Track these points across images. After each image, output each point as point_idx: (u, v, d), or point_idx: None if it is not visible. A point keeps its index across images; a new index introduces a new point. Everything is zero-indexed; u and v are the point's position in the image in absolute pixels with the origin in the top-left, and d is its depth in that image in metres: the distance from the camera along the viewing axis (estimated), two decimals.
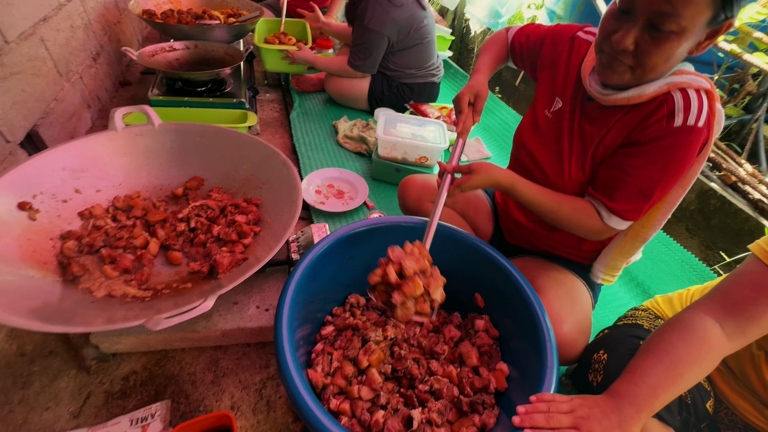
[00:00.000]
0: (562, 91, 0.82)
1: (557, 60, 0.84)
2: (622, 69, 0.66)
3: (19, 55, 1.08)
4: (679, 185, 0.75)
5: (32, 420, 0.76)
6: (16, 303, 0.63)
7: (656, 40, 0.61)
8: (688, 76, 0.67)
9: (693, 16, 0.57)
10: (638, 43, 0.62)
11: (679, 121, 0.66)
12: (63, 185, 0.85)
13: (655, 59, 0.63)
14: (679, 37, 0.60)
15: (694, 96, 0.66)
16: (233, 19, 1.86)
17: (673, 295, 0.87)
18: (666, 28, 0.59)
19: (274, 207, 0.92)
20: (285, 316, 0.66)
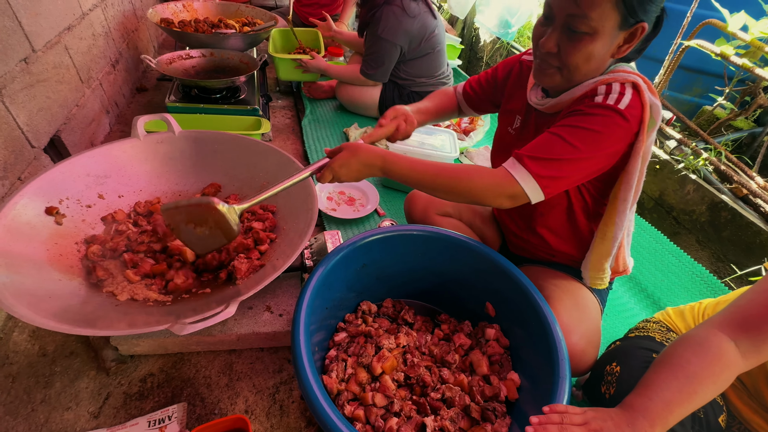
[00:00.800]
0: (518, 108, 0.89)
1: (512, 84, 0.92)
2: (552, 71, 0.73)
3: (45, 63, 1.12)
4: (625, 182, 0.76)
5: (54, 419, 0.78)
6: (43, 304, 0.65)
7: (573, 41, 0.68)
8: (617, 74, 0.72)
9: (600, 18, 0.64)
10: (559, 45, 0.69)
11: (599, 99, 0.70)
12: (87, 191, 0.87)
13: (575, 58, 0.69)
14: (593, 37, 0.66)
15: (616, 86, 0.70)
16: (248, 28, 1.90)
17: (684, 308, 0.88)
18: (579, 29, 0.66)
19: (290, 214, 0.94)
20: (302, 322, 0.68)
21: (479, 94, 1.00)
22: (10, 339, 0.88)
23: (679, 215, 1.53)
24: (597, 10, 0.63)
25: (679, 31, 1.62)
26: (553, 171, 0.70)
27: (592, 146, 0.69)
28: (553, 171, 0.70)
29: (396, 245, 0.90)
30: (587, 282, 0.92)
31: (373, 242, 0.87)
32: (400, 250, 0.91)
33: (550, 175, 0.70)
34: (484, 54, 2.79)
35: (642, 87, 0.70)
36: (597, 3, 0.63)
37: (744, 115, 1.62)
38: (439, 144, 1.47)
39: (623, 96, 0.69)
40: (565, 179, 0.71)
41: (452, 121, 1.82)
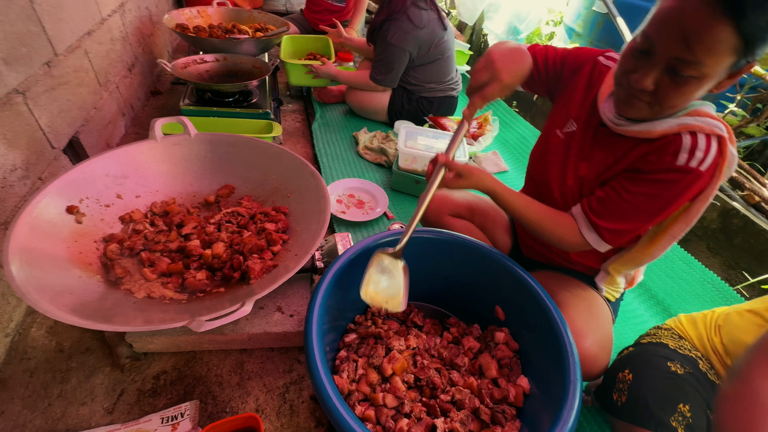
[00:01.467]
0: (577, 114, 0.83)
1: (576, 83, 0.84)
2: (640, 105, 0.67)
3: (66, 66, 1.15)
4: (683, 221, 0.75)
5: (70, 414, 0.79)
6: (64, 299, 0.67)
7: (676, 84, 0.61)
8: (704, 119, 0.67)
9: (715, 64, 0.57)
10: (658, 83, 0.62)
11: (682, 160, 0.66)
12: (106, 190, 0.90)
13: (675, 100, 0.64)
14: (700, 81, 0.60)
15: (702, 141, 0.66)
16: (261, 33, 1.94)
17: (696, 316, 0.87)
18: (686, 73, 0.59)
19: (302, 216, 0.95)
20: (314, 322, 0.69)
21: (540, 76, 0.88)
22: (28, 335, 0.90)
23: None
24: (714, 57, 0.56)
25: None
26: (625, 235, 0.76)
27: (667, 210, 0.71)
28: (625, 236, 0.76)
29: (406, 248, 0.91)
30: (601, 293, 0.93)
31: (383, 245, 0.88)
32: (410, 252, 0.91)
33: (622, 239, 0.76)
34: None
35: (726, 140, 0.66)
36: (716, 50, 0.55)
37: (756, 123, 1.61)
38: None
39: (707, 154, 0.66)
40: (632, 233, 0.76)
41: None
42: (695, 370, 0.73)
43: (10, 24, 0.90)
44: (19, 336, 0.90)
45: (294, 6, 3.18)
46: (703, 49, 0.55)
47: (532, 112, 2.54)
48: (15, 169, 0.90)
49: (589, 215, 0.76)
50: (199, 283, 0.80)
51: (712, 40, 0.54)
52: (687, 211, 0.75)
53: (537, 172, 0.92)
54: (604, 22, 2.01)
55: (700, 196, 0.72)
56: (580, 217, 0.78)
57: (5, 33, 0.88)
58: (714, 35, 0.54)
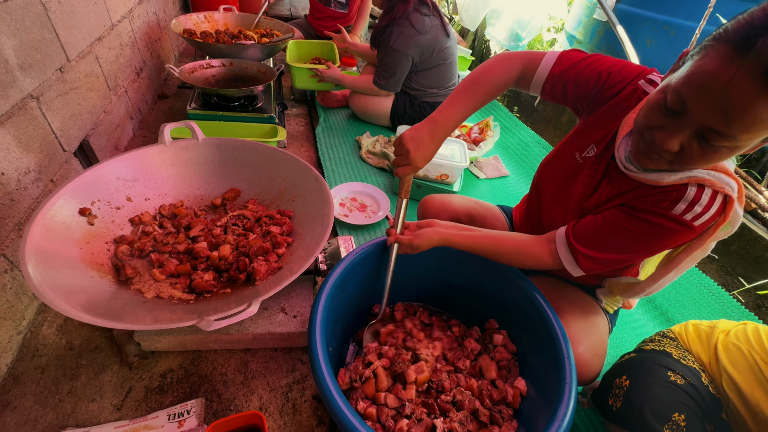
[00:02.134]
0: (599, 139, 0.76)
1: (610, 107, 0.75)
2: (660, 162, 0.62)
3: (78, 71, 1.18)
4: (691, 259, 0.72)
5: (80, 409, 0.82)
6: (77, 298, 0.69)
7: (704, 150, 0.56)
8: (718, 174, 0.63)
9: (751, 139, 0.52)
10: (684, 146, 0.57)
11: (678, 210, 0.64)
12: (117, 193, 0.92)
13: (698, 165, 0.60)
14: (731, 151, 0.55)
15: (706, 197, 0.63)
16: (266, 39, 1.97)
17: (702, 330, 0.85)
18: (718, 144, 0.54)
19: (307, 220, 0.97)
20: (318, 322, 0.71)
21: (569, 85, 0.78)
22: (39, 333, 0.93)
23: None
24: (752, 134, 0.50)
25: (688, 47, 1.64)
26: (600, 265, 0.74)
27: (647, 253, 0.71)
28: (599, 265, 0.74)
29: None
30: (601, 303, 0.94)
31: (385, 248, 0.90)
32: (411, 255, 0.94)
33: (596, 267, 0.75)
34: None
35: (733, 200, 0.63)
36: (756, 127, 0.49)
37: None
38: (449, 153, 1.51)
39: (707, 211, 0.63)
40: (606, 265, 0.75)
41: (462, 131, 1.86)
42: (697, 382, 0.74)
43: (26, 31, 0.93)
44: (30, 334, 0.92)
45: (299, 11, 3.22)
46: (743, 126, 0.50)
47: (534, 118, 2.57)
48: (29, 171, 0.93)
49: (571, 239, 0.75)
50: (206, 284, 0.82)
51: (756, 119, 0.48)
52: (673, 261, 0.74)
53: (543, 188, 0.90)
54: (605, 30, 2.04)
55: (688, 249, 0.70)
56: (561, 239, 0.77)
57: (21, 40, 0.91)
58: (758, 113, 0.48)
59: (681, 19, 1.76)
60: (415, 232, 0.84)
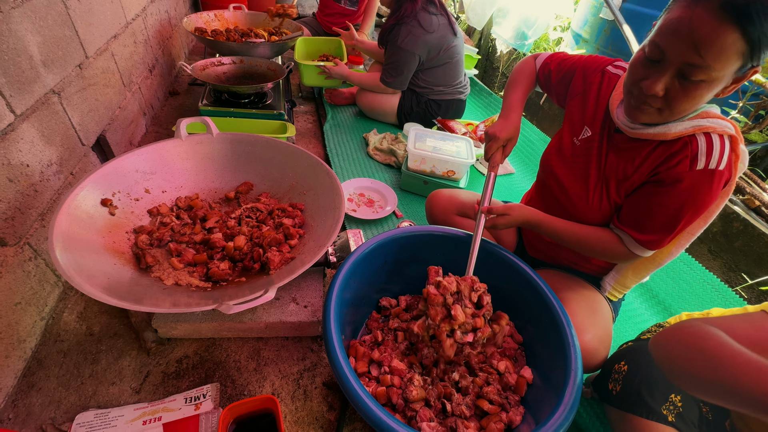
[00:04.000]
0: (591, 120, 0.87)
1: (588, 90, 0.88)
2: (651, 111, 0.70)
3: (95, 68, 1.22)
4: (701, 219, 0.80)
5: (101, 392, 0.85)
6: (99, 281, 0.72)
7: (685, 89, 0.65)
8: (714, 120, 0.71)
9: (723, 68, 0.60)
10: (668, 89, 0.66)
11: (702, 164, 0.70)
12: (136, 185, 0.96)
13: (684, 105, 0.67)
14: (709, 85, 0.63)
15: (717, 141, 0.70)
16: (276, 37, 2.00)
17: (695, 317, 0.90)
18: (696, 78, 0.62)
19: (318, 212, 1.00)
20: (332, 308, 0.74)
21: (551, 83, 0.98)
22: (61, 319, 0.97)
23: None
24: (722, 61, 0.60)
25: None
26: (666, 241, 0.79)
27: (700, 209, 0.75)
28: (666, 241, 0.80)
29: (416, 244, 0.96)
30: (604, 293, 0.97)
31: (395, 240, 0.93)
32: (419, 249, 0.96)
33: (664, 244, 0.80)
34: (500, 64, 2.85)
35: (738, 139, 0.71)
36: (724, 55, 0.59)
37: (758, 129, 1.64)
38: (455, 150, 1.53)
39: (723, 154, 0.70)
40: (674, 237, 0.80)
41: (469, 128, 1.88)
42: None
43: (48, 29, 0.96)
44: (52, 320, 0.96)
45: (306, 9, 3.25)
46: (713, 54, 0.59)
47: (539, 116, 2.58)
48: (51, 164, 0.96)
49: (632, 234, 0.80)
50: (222, 273, 0.85)
51: (721, 46, 0.58)
52: (708, 210, 0.78)
53: (553, 180, 0.94)
54: (611, 29, 2.05)
55: (721, 192, 0.75)
56: (622, 236, 0.82)
57: (44, 37, 0.95)
58: (722, 41, 0.58)
59: None
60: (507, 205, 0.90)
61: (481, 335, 0.77)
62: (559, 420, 0.64)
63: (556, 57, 0.99)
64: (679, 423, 0.68)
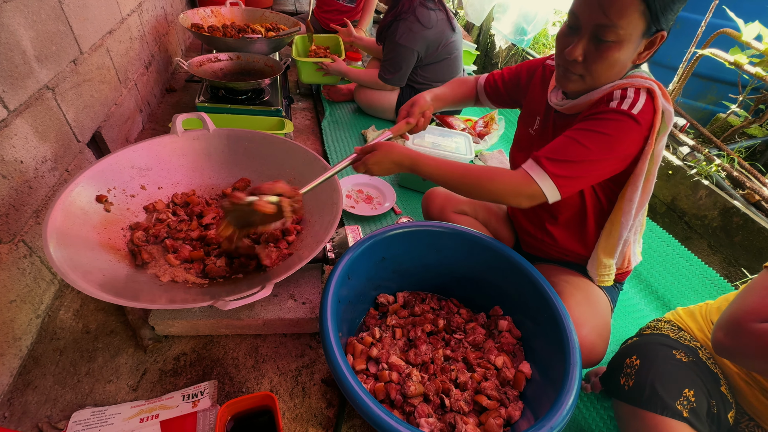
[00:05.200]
0: (538, 110, 0.94)
1: (534, 87, 0.96)
2: (575, 78, 0.76)
3: (90, 64, 1.20)
4: (632, 183, 0.80)
5: (97, 390, 0.85)
6: (95, 278, 0.72)
7: (599, 50, 0.71)
8: (635, 79, 0.75)
9: (627, 26, 0.67)
10: (585, 54, 0.72)
11: (614, 105, 0.74)
12: (131, 181, 0.95)
13: (600, 66, 0.72)
14: (619, 45, 0.69)
15: (631, 91, 0.74)
16: (273, 33, 1.98)
17: (693, 309, 0.90)
18: (607, 38, 0.69)
19: (316, 208, 0.99)
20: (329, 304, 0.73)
21: (500, 91, 1.04)
22: (57, 317, 0.96)
23: (691, 220, 1.55)
24: (625, 19, 0.66)
25: (693, 40, 1.64)
26: (569, 171, 0.75)
27: (605, 149, 0.74)
28: (568, 171, 0.75)
29: (414, 240, 0.95)
30: (594, 279, 0.96)
31: (393, 236, 0.92)
32: (417, 245, 0.96)
33: (566, 174, 0.75)
34: (499, 60, 2.84)
35: (656, 92, 0.74)
36: (625, 12, 0.66)
37: (758, 123, 1.63)
38: (454, 147, 1.52)
39: (637, 101, 0.73)
40: (580, 179, 0.76)
41: (468, 124, 1.87)
42: (696, 359, 0.76)
43: (42, 24, 0.95)
44: (48, 317, 0.95)
45: (303, 6, 3.23)
46: (615, 11, 0.66)
47: None
48: (45, 160, 0.95)
49: (540, 158, 0.77)
50: (219, 270, 0.85)
51: (621, 4, 0.66)
52: (633, 173, 0.79)
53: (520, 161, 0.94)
54: None
55: (642, 154, 0.76)
56: (530, 164, 0.79)
57: (37, 32, 0.94)
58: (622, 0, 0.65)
59: (687, 12, 1.76)
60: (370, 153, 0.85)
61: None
62: (558, 415, 0.64)
63: (498, 72, 1.06)
64: (692, 418, 0.67)
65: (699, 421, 0.68)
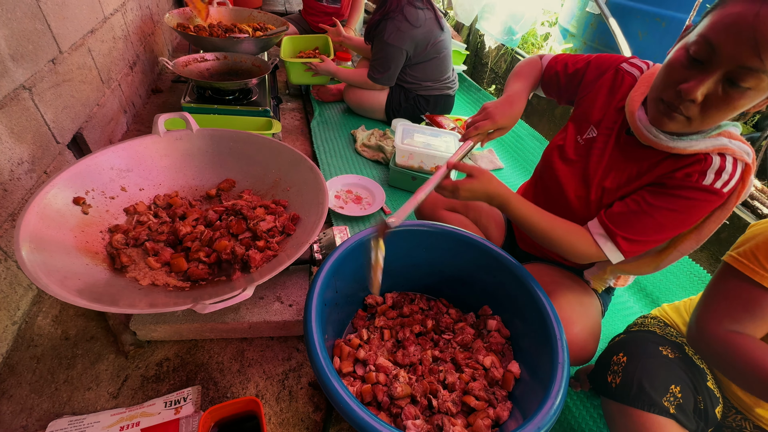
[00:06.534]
0: (598, 120, 0.82)
1: (598, 89, 0.83)
2: (681, 119, 0.63)
3: (71, 63, 1.18)
4: (694, 239, 0.76)
5: (76, 398, 0.82)
6: (71, 283, 0.69)
7: (728, 96, 0.57)
8: (737, 143, 0.67)
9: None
10: (708, 95, 0.59)
11: (708, 180, 0.67)
12: (111, 183, 0.92)
13: (720, 115, 0.60)
14: (755, 94, 0.57)
15: (730, 164, 0.66)
16: (260, 33, 1.97)
17: (678, 304, 0.91)
18: (745, 83, 0.55)
19: (301, 209, 0.98)
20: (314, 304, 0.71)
21: (560, 83, 0.91)
22: (35, 323, 0.93)
23: None
24: None
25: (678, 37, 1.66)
26: (641, 246, 0.75)
27: (683, 225, 0.72)
28: (640, 247, 0.75)
29: (402, 240, 0.94)
30: (589, 283, 0.96)
31: None
32: (405, 245, 0.95)
33: (638, 249, 0.76)
34: (488, 60, 2.85)
35: (750, 167, 0.67)
36: None
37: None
38: (444, 146, 1.52)
39: (732, 178, 0.67)
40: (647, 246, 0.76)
41: (457, 123, 1.87)
42: (683, 354, 0.77)
43: (17, 21, 0.93)
44: (25, 324, 0.92)
45: (293, 6, 3.21)
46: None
47: (527, 111, 2.58)
48: (22, 162, 0.92)
49: (608, 225, 0.76)
50: (201, 272, 0.83)
51: None
52: (699, 229, 0.75)
53: (551, 176, 0.90)
54: (597, 23, 2.05)
55: (713, 216, 0.73)
56: (596, 228, 0.78)
57: (12, 30, 0.91)
58: None
59: (672, 11, 1.78)
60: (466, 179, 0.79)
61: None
62: (546, 414, 0.63)
63: (564, 58, 0.92)
64: (679, 414, 0.67)
65: (686, 417, 0.68)
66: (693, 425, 0.69)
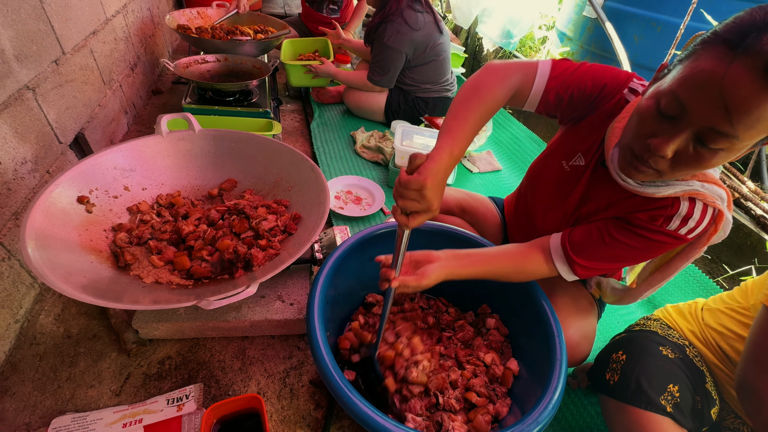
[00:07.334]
0: (586, 148, 0.76)
1: (598, 117, 0.74)
2: (650, 172, 0.60)
3: (73, 64, 1.19)
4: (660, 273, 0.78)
5: (79, 395, 0.82)
6: (76, 279, 0.70)
7: (699, 155, 0.54)
8: (710, 187, 0.63)
9: (750, 138, 0.50)
10: (679, 151, 0.55)
11: (673, 226, 0.66)
12: (114, 183, 0.93)
13: (691, 171, 0.57)
14: (727, 155, 0.53)
15: (698, 212, 0.64)
16: (261, 35, 1.98)
17: (683, 307, 0.91)
18: (716, 146, 0.51)
19: (303, 208, 0.99)
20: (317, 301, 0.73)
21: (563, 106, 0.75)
22: (37, 322, 0.94)
23: None
24: (753, 131, 0.48)
25: (672, 43, 1.69)
26: (594, 272, 0.76)
27: (640, 260, 0.74)
28: (594, 273, 0.76)
29: None
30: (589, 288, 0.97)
31: (381, 235, 0.92)
32: None
33: (590, 275, 0.77)
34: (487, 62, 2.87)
35: (722, 213, 0.64)
36: (759, 125, 0.48)
37: None
38: None
39: (699, 225, 0.64)
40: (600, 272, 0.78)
41: None
42: (683, 356, 0.78)
43: (21, 23, 0.94)
44: (28, 322, 0.93)
45: (292, 9, 3.23)
46: (746, 125, 0.48)
47: (525, 114, 2.61)
48: (25, 161, 0.93)
49: (568, 250, 0.75)
50: (204, 270, 0.84)
51: (758, 116, 0.47)
52: (667, 265, 0.76)
53: (533, 196, 0.91)
54: (594, 27, 2.08)
55: (683, 253, 0.73)
56: (556, 249, 0.77)
57: (17, 31, 0.92)
58: (762, 111, 0.46)
59: (667, 15, 1.81)
60: (419, 271, 0.75)
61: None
62: (543, 411, 0.64)
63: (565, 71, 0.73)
64: (676, 413, 0.68)
65: (683, 416, 0.69)
66: (690, 424, 0.70)
